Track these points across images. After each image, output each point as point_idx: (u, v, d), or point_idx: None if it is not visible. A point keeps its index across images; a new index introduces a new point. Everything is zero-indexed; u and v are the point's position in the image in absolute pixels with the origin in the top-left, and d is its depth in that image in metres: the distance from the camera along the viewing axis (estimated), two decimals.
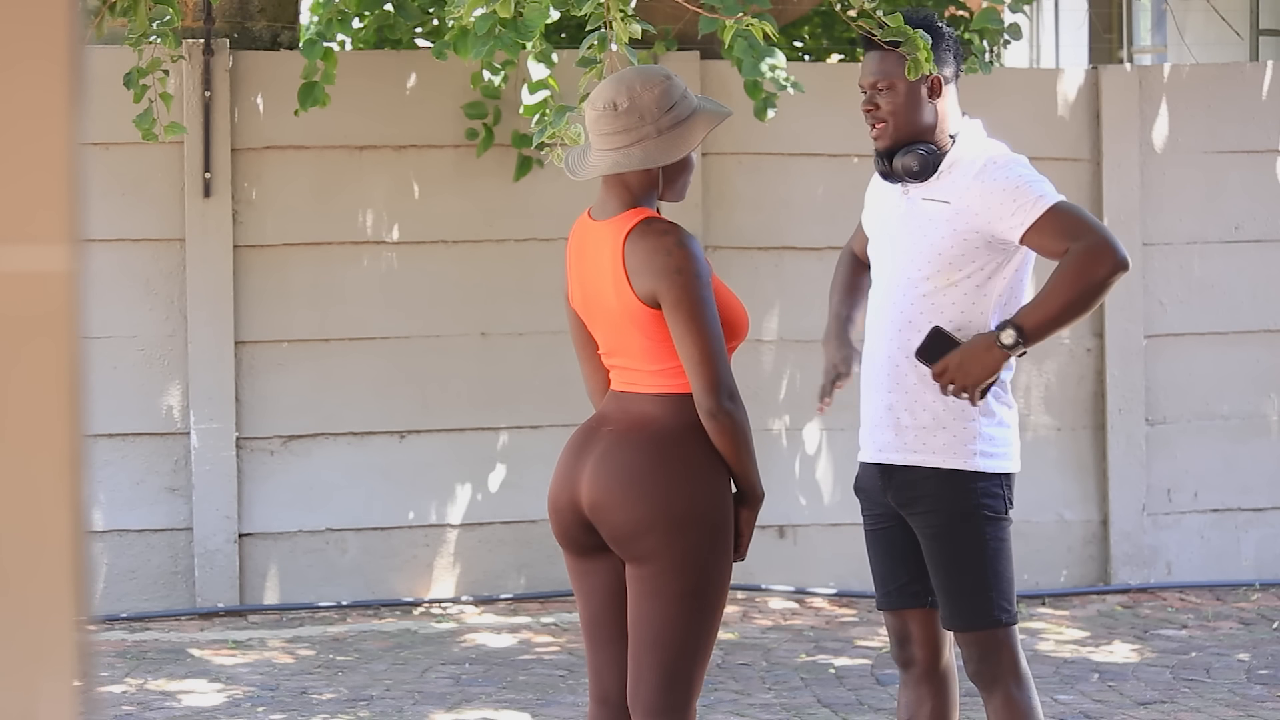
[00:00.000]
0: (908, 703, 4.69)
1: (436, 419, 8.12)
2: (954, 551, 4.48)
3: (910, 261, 4.52)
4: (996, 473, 4.49)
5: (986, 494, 4.47)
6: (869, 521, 4.68)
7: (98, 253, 7.76)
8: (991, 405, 4.50)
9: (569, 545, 4.29)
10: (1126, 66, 9.03)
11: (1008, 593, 4.50)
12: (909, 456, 4.51)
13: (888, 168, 4.56)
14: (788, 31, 9.57)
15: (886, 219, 4.64)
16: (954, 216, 4.47)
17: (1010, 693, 4.52)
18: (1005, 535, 4.51)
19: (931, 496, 4.49)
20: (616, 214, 4.18)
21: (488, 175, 8.14)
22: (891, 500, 4.57)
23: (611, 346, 4.23)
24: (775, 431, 8.21)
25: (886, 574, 4.65)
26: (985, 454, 4.48)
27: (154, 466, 7.94)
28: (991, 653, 4.51)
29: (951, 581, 4.49)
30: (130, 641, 7.55)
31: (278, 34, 8.43)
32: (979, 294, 4.48)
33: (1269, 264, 8.50)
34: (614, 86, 4.17)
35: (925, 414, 4.49)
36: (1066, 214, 4.45)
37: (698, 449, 4.13)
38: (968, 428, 4.47)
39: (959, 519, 4.47)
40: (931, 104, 4.54)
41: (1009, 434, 4.54)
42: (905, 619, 4.65)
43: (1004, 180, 4.46)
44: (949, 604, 4.51)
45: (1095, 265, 4.40)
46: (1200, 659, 7.26)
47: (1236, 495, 8.49)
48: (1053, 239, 4.42)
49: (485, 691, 6.80)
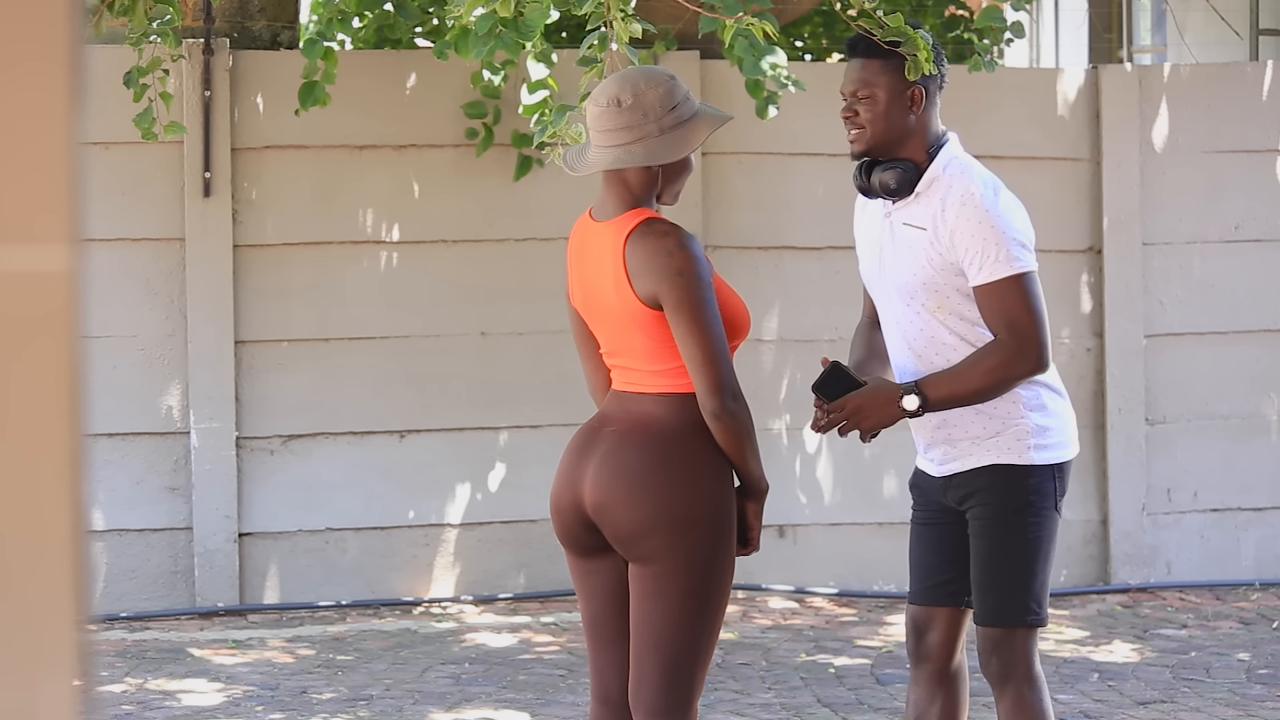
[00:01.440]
0: (917, 700, 4.68)
1: (436, 419, 8.12)
2: (998, 546, 4.50)
3: (903, 286, 4.52)
4: (1049, 464, 4.51)
5: (1036, 490, 4.49)
6: (920, 515, 4.68)
7: (98, 253, 7.75)
8: (1041, 398, 4.51)
9: (571, 545, 4.29)
10: (1126, 66, 9.02)
11: (1041, 595, 4.52)
12: (967, 462, 4.54)
13: (865, 183, 4.55)
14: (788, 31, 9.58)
15: (873, 242, 4.63)
16: (930, 245, 4.46)
17: (1023, 693, 4.53)
18: (1052, 532, 4.52)
19: (986, 490, 4.51)
20: (617, 214, 4.18)
21: (488, 175, 8.14)
22: (950, 500, 4.59)
23: (613, 346, 4.24)
24: (775, 431, 8.20)
25: (929, 569, 4.65)
26: (1039, 446, 4.50)
27: (154, 466, 7.94)
28: (1009, 652, 4.52)
29: (990, 576, 4.51)
30: (130, 641, 7.55)
31: (278, 34, 8.43)
32: (974, 310, 4.47)
33: (1269, 264, 8.50)
34: (618, 84, 4.17)
35: (975, 425, 4.51)
36: (1022, 294, 4.41)
37: (700, 449, 4.14)
38: (1020, 424, 4.50)
39: (1010, 513, 4.49)
40: (913, 115, 4.52)
41: (1061, 422, 4.56)
42: (933, 615, 4.64)
43: (981, 224, 4.41)
44: (985, 598, 4.52)
45: (1017, 366, 4.42)
46: (1200, 659, 7.26)
47: (1236, 495, 8.49)
48: (995, 313, 4.41)
49: (485, 691, 6.80)
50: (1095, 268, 8.42)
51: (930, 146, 4.52)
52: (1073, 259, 8.38)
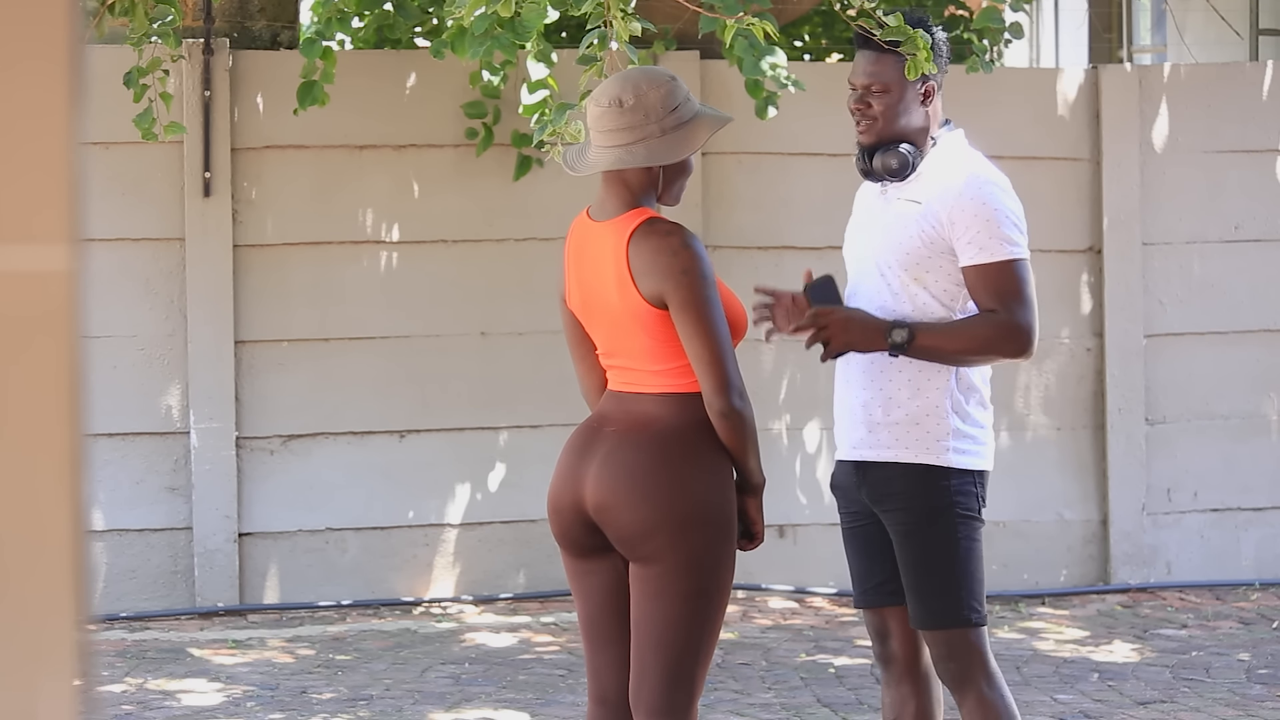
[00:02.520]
0: (891, 702, 4.69)
1: (436, 419, 8.12)
2: (924, 549, 4.47)
3: (882, 259, 4.53)
4: (969, 469, 4.48)
5: (959, 491, 4.46)
6: (845, 520, 4.68)
7: (98, 252, 7.76)
8: (966, 406, 4.50)
9: (569, 545, 4.29)
10: (1126, 66, 9.03)
11: (977, 593, 4.49)
12: (882, 453, 4.51)
13: (868, 165, 4.57)
14: (788, 31, 9.58)
15: (863, 219, 4.65)
16: (922, 218, 4.48)
17: (983, 693, 4.51)
18: (977, 535, 4.50)
19: (903, 493, 4.48)
20: (617, 214, 4.18)
21: (487, 175, 8.14)
22: (865, 497, 4.57)
23: (611, 347, 4.23)
24: (775, 431, 8.20)
25: (864, 572, 4.66)
26: (959, 450, 4.47)
27: (154, 466, 7.94)
28: (960, 653, 4.50)
29: (921, 580, 4.48)
30: (130, 641, 7.55)
31: (277, 34, 8.43)
32: (948, 294, 4.48)
33: (1269, 264, 8.50)
34: (619, 84, 4.17)
35: (899, 411, 4.49)
36: (1015, 278, 4.43)
37: (702, 449, 4.14)
38: (941, 424, 4.46)
39: (930, 516, 4.46)
40: (923, 109, 4.55)
41: (983, 434, 4.53)
42: (884, 616, 4.65)
43: (982, 205, 4.43)
44: (918, 603, 4.50)
45: (1006, 342, 4.43)
46: (1200, 659, 7.26)
47: (1236, 495, 8.49)
48: (988, 292, 4.43)
49: (485, 691, 6.80)
50: (1095, 268, 8.42)
51: (935, 135, 4.56)
52: (1073, 259, 8.38)
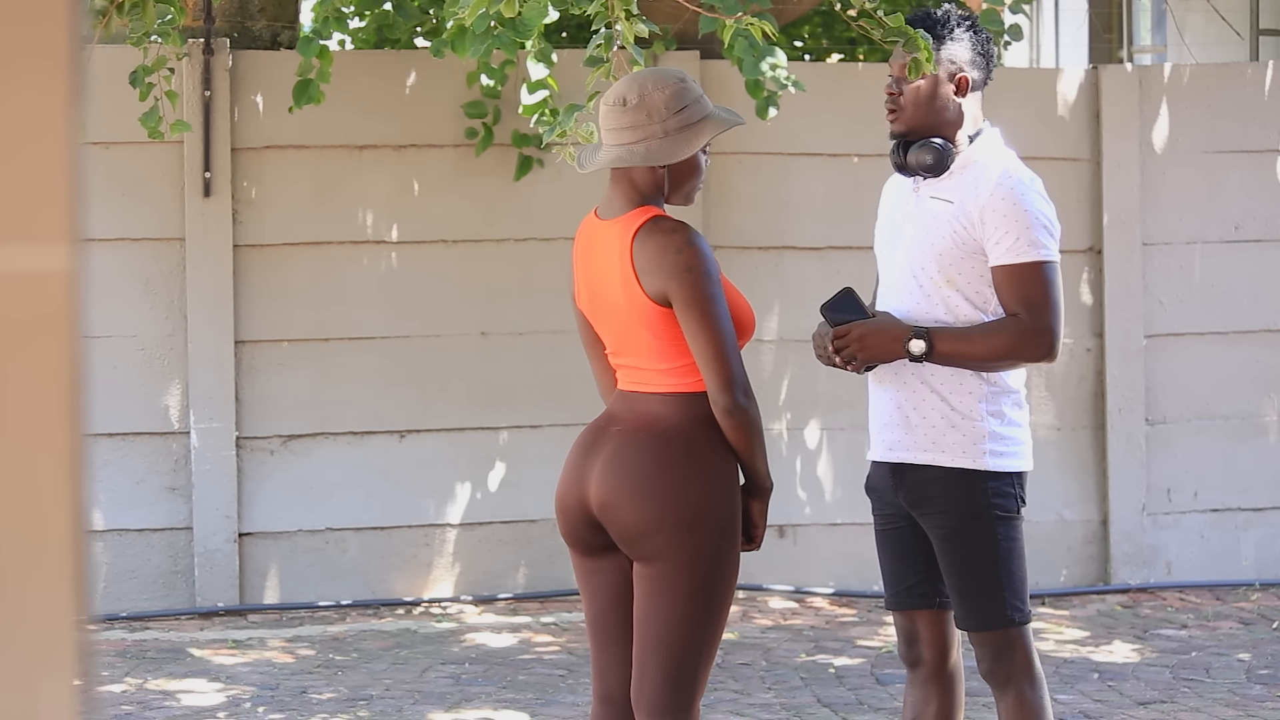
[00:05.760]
0: (913, 701, 4.69)
1: (436, 419, 8.12)
2: (966, 552, 4.47)
3: (915, 258, 4.52)
4: (1007, 471, 4.49)
5: (998, 493, 4.47)
6: (879, 521, 4.67)
7: (98, 252, 7.75)
8: (1003, 406, 4.50)
9: (576, 544, 4.29)
10: (1126, 66, 9.02)
11: (1020, 592, 4.50)
12: (919, 455, 4.51)
13: (902, 160, 4.57)
14: (788, 31, 9.58)
15: (896, 218, 4.64)
16: (954, 217, 4.48)
17: (1023, 692, 4.52)
18: (1017, 534, 4.51)
19: (942, 497, 4.48)
20: (623, 213, 4.19)
21: (488, 175, 8.14)
22: (903, 500, 4.56)
23: (618, 346, 4.24)
24: (775, 431, 8.20)
25: (896, 574, 4.65)
26: (996, 453, 4.47)
27: (154, 466, 7.94)
28: (1005, 652, 4.51)
29: (964, 582, 4.49)
30: (130, 641, 7.55)
31: (278, 33, 8.43)
32: (980, 295, 4.48)
33: (1269, 264, 8.50)
34: (627, 83, 4.20)
35: (934, 413, 4.49)
36: (1043, 281, 4.43)
37: (706, 448, 4.15)
38: (977, 427, 4.47)
39: (970, 519, 4.46)
40: (956, 101, 4.55)
41: (1020, 433, 4.53)
42: (914, 619, 4.65)
43: (1013, 206, 4.44)
44: (962, 604, 4.51)
45: (1029, 348, 4.43)
46: (1200, 659, 7.26)
47: (1236, 495, 8.49)
48: (1013, 294, 4.43)
49: (485, 691, 6.80)
50: (1095, 268, 8.42)
51: (970, 134, 4.56)
52: (1073, 259, 8.38)
